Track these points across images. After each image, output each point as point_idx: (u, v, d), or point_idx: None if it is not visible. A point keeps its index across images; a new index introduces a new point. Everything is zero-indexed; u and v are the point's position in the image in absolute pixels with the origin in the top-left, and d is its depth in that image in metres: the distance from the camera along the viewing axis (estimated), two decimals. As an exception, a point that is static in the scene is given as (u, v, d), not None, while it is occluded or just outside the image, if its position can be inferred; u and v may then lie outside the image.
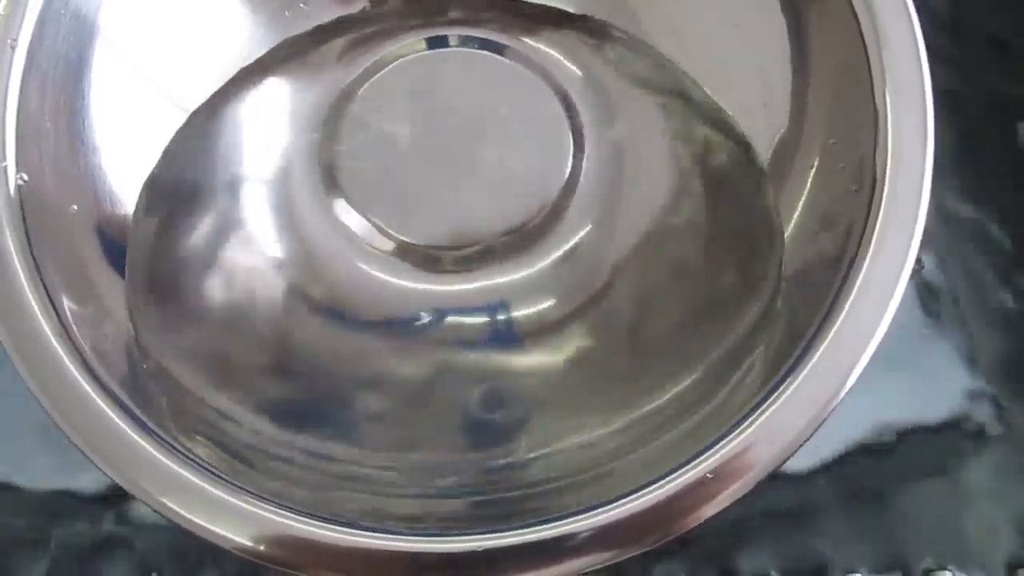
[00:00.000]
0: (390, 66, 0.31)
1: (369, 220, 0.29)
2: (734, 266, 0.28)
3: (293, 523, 0.23)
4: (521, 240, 0.29)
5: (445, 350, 0.28)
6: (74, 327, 0.25)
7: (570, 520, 0.23)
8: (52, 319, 0.25)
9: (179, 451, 0.24)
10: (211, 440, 0.25)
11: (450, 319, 0.28)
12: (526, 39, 0.31)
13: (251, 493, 0.23)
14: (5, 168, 0.25)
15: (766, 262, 0.27)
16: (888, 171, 0.25)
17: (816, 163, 0.28)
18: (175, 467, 0.23)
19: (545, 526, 0.23)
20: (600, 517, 0.23)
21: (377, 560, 0.23)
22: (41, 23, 0.27)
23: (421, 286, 0.29)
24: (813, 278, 0.26)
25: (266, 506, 0.23)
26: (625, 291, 0.28)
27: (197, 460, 0.24)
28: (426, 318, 0.28)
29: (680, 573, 0.28)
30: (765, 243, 0.28)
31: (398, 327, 0.28)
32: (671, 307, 0.28)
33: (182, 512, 0.23)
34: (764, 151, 0.29)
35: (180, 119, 0.29)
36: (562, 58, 0.31)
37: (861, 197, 0.25)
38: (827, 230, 0.26)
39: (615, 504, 0.23)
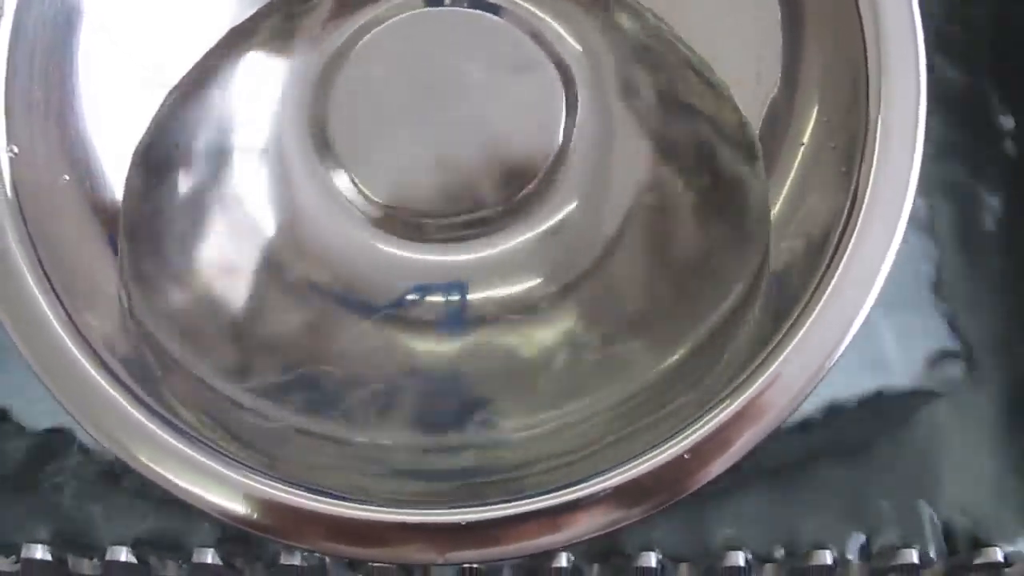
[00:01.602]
0: (383, 25, 0.30)
1: (358, 185, 0.29)
2: (722, 241, 0.28)
3: (282, 492, 0.24)
4: (511, 210, 0.29)
5: (427, 324, 0.28)
6: (69, 300, 0.25)
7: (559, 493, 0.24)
8: (47, 293, 0.25)
9: (171, 420, 0.24)
10: (202, 410, 0.26)
11: (433, 292, 0.29)
12: (523, 2, 0.31)
13: (239, 462, 0.24)
14: (-5, 141, 0.26)
15: (753, 238, 0.27)
16: (876, 156, 0.25)
17: (807, 140, 0.28)
18: (166, 435, 0.24)
19: (543, 497, 0.23)
20: (562, 498, 0.23)
21: (364, 530, 0.24)
22: (28, -15, 0.26)
23: (408, 255, 0.29)
24: (798, 259, 0.26)
25: (255, 475, 0.24)
26: (614, 266, 0.29)
27: (188, 429, 0.25)
28: (410, 289, 0.29)
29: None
30: (754, 219, 0.28)
31: (381, 298, 0.29)
32: (659, 283, 0.29)
33: (171, 478, 0.24)
34: (756, 123, 0.29)
35: (169, 84, 0.29)
36: (558, 23, 0.30)
37: (849, 180, 0.25)
38: (815, 210, 0.27)
39: (584, 484, 0.23)
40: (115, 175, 0.28)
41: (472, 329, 0.28)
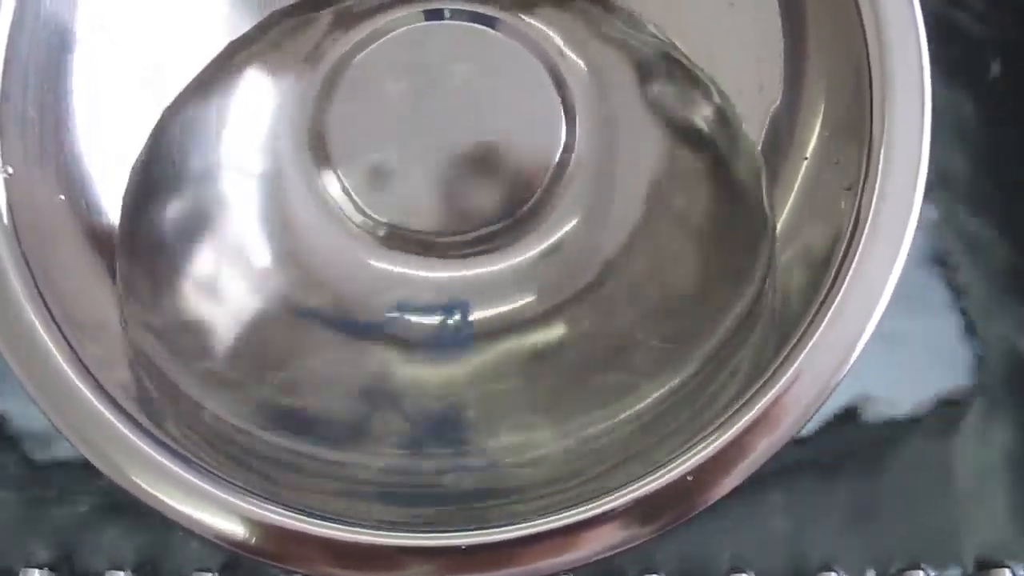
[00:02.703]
0: (382, 40, 0.30)
1: (357, 202, 0.29)
2: (724, 258, 0.28)
3: (280, 516, 0.24)
4: (512, 226, 0.29)
5: (426, 344, 0.28)
6: (65, 322, 0.25)
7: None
8: (44, 317, 0.25)
9: (167, 444, 0.24)
10: (198, 433, 0.26)
11: (432, 311, 0.28)
12: (522, 15, 0.30)
13: (237, 486, 0.24)
14: (-12, 163, 0.25)
15: (756, 255, 0.27)
16: (880, 172, 0.25)
17: (809, 154, 0.27)
18: (162, 459, 0.24)
19: (544, 520, 0.23)
20: (564, 521, 0.23)
21: (363, 554, 0.24)
22: (20, 7, 0.26)
23: (408, 272, 0.29)
24: (802, 276, 0.26)
25: (253, 499, 0.24)
26: (613, 285, 0.28)
27: (185, 452, 0.24)
28: (409, 308, 0.28)
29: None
30: (756, 235, 0.27)
31: (379, 317, 0.28)
32: (660, 302, 0.28)
33: (169, 502, 0.24)
34: (758, 137, 0.28)
35: (166, 100, 0.29)
36: (557, 36, 0.30)
37: (852, 196, 0.25)
38: (818, 226, 0.26)
39: (586, 507, 0.23)
40: (111, 195, 0.28)
41: (471, 349, 0.28)
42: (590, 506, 0.23)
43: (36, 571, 0.29)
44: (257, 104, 0.30)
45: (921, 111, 0.25)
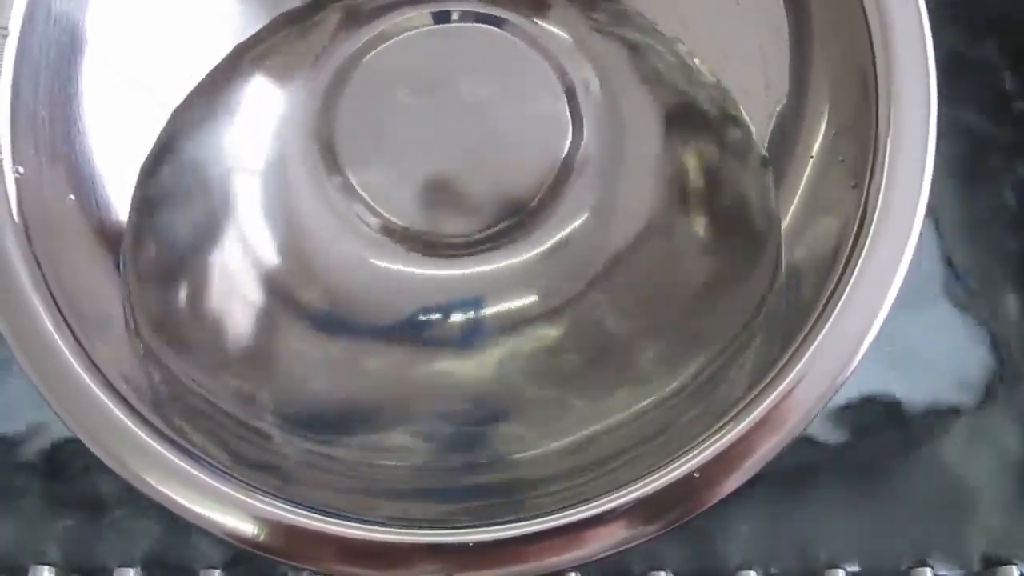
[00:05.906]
0: (389, 42, 0.30)
1: (366, 202, 0.29)
2: (731, 257, 0.28)
3: (291, 514, 0.24)
4: (520, 224, 0.29)
5: (439, 343, 0.28)
6: (75, 321, 0.25)
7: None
8: (54, 316, 0.25)
9: (179, 442, 0.24)
10: (209, 431, 0.26)
11: (444, 310, 0.29)
12: (531, 16, 0.31)
13: (248, 484, 0.24)
14: (0, 162, 0.25)
15: (763, 254, 0.27)
16: (886, 171, 0.25)
17: (815, 153, 0.27)
18: (174, 457, 0.24)
19: (553, 517, 0.23)
20: (572, 518, 0.23)
21: (373, 551, 0.24)
22: (31, 7, 0.26)
23: (418, 272, 0.29)
24: (808, 274, 0.26)
25: (264, 497, 0.24)
26: (620, 283, 0.28)
27: (196, 451, 0.24)
28: (421, 308, 0.29)
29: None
30: (763, 234, 0.28)
31: (390, 317, 0.29)
32: (668, 299, 0.28)
33: (180, 501, 0.24)
34: (764, 136, 0.29)
35: (175, 101, 0.29)
36: (565, 36, 0.30)
37: (858, 195, 0.25)
38: (825, 224, 0.26)
39: (593, 504, 0.23)
40: (120, 195, 0.28)
41: (484, 346, 0.28)
42: (597, 503, 0.23)
43: (46, 568, 0.29)
44: (265, 106, 0.30)
45: (927, 109, 0.25)
